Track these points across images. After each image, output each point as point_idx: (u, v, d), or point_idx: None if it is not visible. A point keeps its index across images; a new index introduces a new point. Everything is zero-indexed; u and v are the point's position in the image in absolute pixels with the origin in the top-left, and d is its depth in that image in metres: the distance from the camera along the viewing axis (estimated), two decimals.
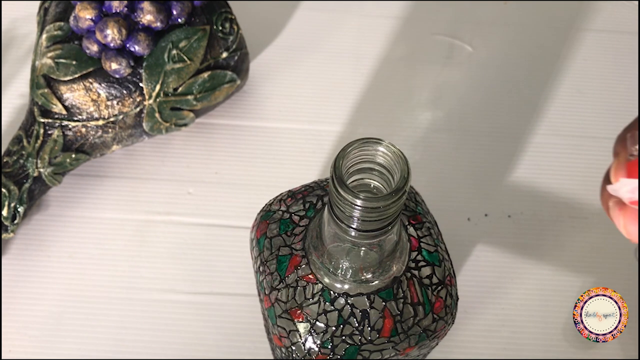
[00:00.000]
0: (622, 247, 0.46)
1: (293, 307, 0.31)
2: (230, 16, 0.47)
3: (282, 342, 0.32)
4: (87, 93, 0.44)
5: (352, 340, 0.31)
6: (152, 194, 0.49)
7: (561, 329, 0.45)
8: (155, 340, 0.44)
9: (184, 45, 0.45)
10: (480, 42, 0.57)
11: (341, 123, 0.52)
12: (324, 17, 0.57)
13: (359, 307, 0.31)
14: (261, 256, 0.33)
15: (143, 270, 0.46)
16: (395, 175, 0.26)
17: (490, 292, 0.46)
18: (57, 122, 0.45)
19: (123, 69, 0.44)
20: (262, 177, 0.50)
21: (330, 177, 0.25)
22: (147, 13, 0.44)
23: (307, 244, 0.32)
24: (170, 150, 0.51)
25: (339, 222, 0.27)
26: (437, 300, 0.32)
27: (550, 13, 0.59)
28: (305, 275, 0.31)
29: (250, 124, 0.52)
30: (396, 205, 0.25)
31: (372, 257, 0.30)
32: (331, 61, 0.55)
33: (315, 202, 0.34)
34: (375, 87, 0.54)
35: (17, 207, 0.44)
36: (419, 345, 0.32)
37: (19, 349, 0.43)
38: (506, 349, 0.44)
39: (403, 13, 0.58)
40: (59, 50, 0.44)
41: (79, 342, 0.43)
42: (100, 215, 0.48)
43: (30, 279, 0.45)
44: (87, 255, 0.46)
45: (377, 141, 0.26)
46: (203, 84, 0.46)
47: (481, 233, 0.48)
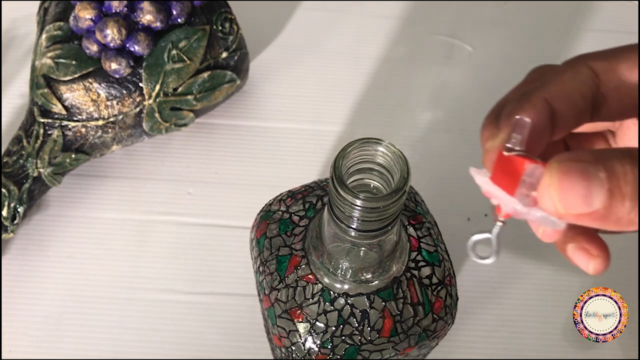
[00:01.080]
0: (622, 247, 0.46)
1: (293, 307, 0.31)
2: (230, 16, 0.47)
3: (282, 342, 0.32)
4: (87, 93, 0.44)
5: (352, 341, 0.31)
6: (152, 194, 0.49)
7: (561, 329, 0.45)
8: (155, 340, 0.44)
9: (184, 45, 0.45)
10: (480, 42, 0.57)
11: (341, 123, 0.52)
12: (324, 17, 0.57)
13: (358, 307, 0.31)
14: (261, 256, 0.33)
15: (143, 270, 0.46)
16: (395, 175, 0.26)
17: (490, 292, 0.46)
18: (56, 122, 0.45)
19: (123, 69, 0.44)
20: (262, 177, 0.50)
21: (330, 177, 0.25)
22: (147, 13, 0.44)
23: (307, 244, 0.32)
24: (170, 150, 0.51)
25: (338, 222, 0.27)
26: (437, 301, 0.32)
27: (550, 13, 0.59)
28: (305, 275, 0.31)
29: (250, 124, 0.52)
30: (396, 205, 0.25)
31: (372, 257, 0.30)
32: (331, 61, 0.55)
33: (315, 202, 0.34)
34: (375, 87, 0.54)
35: (17, 207, 0.44)
36: (418, 345, 0.32)
37: (19, 349, 0.43)
38: (506, 349, 0.44)
39: (403, 13, 0.58)
40: (59, 50, 0.44)
41: (79, 342, 0.43)
42: (100, 215, 0.48)
43: (30, 279, 0.45)
44: (87, 255, 0.46)
45: (377, 141, 0.26)
46: (203, 84, 0.46)
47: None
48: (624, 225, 0.20)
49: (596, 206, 0.20)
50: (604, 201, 0.20)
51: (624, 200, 0.20)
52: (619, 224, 0.20)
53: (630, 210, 0.20)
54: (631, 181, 0.20)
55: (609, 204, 0.20)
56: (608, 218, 0.20)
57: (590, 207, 0.20)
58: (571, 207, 0.20)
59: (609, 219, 0.20)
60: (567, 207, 0.20)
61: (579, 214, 0.20)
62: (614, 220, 0.20)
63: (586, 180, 0.20)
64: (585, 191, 0.20)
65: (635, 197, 0.20)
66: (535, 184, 0.21)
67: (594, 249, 0.25)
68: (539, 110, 0.23)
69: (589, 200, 0.20)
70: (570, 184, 0.20)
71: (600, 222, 0.20)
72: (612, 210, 0.20)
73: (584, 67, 0.24)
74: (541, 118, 0.23)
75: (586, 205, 0.20)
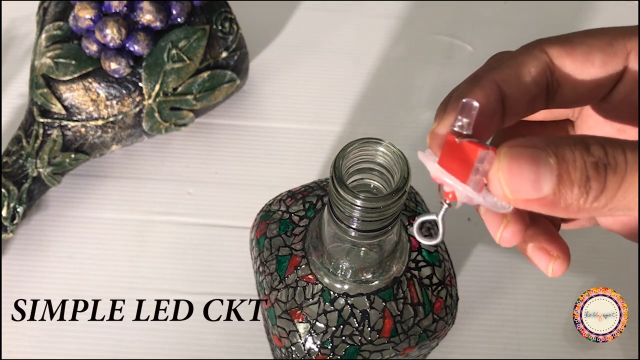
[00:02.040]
0: (622, 247, 0.46)
1: (293, 307, 0.31)
2: (230, 16, 0.47)
3: (282, 342, 0.32)
4: (87, 93, 0.44)
5: (352, 341, 0.31)
6: (151, 194, 0.49)
7: (561, 329, 0.45)
8: (155, 340, 0.44)
9: (184, 45, 0.45)
10: (480, 42, 0.57)
11: (341, 123, 0.52)
12: (324, 17, 0.57)
13: (359, 307, 0.31)
14: (261, 256, 0.33)
15: (143, 270, 0.46)
16: (395, 175, 0.26)
17: (490, 292, 0.46)
18: (56, 122, 0.45)
19: (122, 69, 0.44)
20: (262, 177, 0.50)
21: (330, 177, 0.25)
22: (147, 13, 0.44)
23: (307, 244, 0.32)
24: (169, 150, 0.50)
25: (338, 222, 0.27)
26: (437, 301, 0.32)
27: (550, 13, 0.59)
28: (305, 275, 0.31)
29: (250, 123, 0.52)
30: (396, 205, 0.25)
31: (372, 257, 0.30)
32: (331, 61, 0.55)
33: (315, 202, 0.34)
34: (375, 87, 0.54)
35: (16, 207, 0.44)
36: (419, 345, 0.32)
37: (19, 349, 0.43)
38: (506, 349, 0.44)
39: (403, 13, 0.58)
40: (59, 50, 0.44)
41: (79, 342, 0.43)
42: (100, 215, 0.48)
43: (30, 279, 0.45)
44: (87, 255, 0.46)
45: (377, 141, 0.26)
46: (203, 83, 0.46)
47: (481, 233, 0.47)
48: (574, 211, 0.20)
49: (545, 192, 0.19)
50: (553, 187, 0.19)
51: (573, 187, 0.19)
52: (567, 210, 0.20)
53: (579, 196, 0.20)
54: (580, 167, 0.19)
55: (557, 190, 0.19)
56: (557, 204, 0.20)
57: (539, 192, 0.20)
58: (520, 192, 0.20)
59: (557, 205, 0.20)
60: (516, 192, 0.20)
61: (528, 199, 0.20)
62: (563, 206, 0.20)
63: (535, 166, 0.19)
64: (534, 176, 0.19)
65: (584, 184, 0.19)
66: (486, 170, 0.20)
67: (554, 250, 0.24)
68: (488, 93, 0.22)
69: (538, 186, 0.20)
70: (519, 169, 0.20)
71: (550, 208, 0.20)
72: (561, 196, 0.20)
73: (538, 51, 0.23)
74: (490, 101, 0.22)
75: (535, 191, 0.20)
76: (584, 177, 0.19)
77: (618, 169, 0.19)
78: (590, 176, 0.19)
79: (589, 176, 0.19)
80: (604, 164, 0.19)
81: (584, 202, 0.20)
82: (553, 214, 0.20)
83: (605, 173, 0.19)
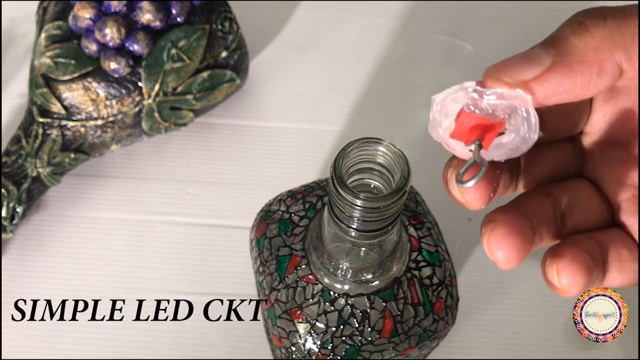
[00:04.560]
0: None
1: (293, 307, 0.31)
2: (230, 15, 0.47)
3: (282, 342, 0.32)
4: (86, 92, 0.44)
5: (352, 341, 0.31)
6: (151, 194, 0.49)
7: (561, 329, 0.45)
8: (155, 340, 0.44)
9: (184, 45, 0.45)
10: (481, 42, 0.57)
11: (341, 123, 0.52)
12: (324, 17, 0.57)
13: (359, 307, 0.31)
14: (261, 256, 0.33)
15: (142, 270, 0.46)
16: (395, 175, 0.26)
17: (491, 292, 0.46)
18: (56, 122, 0.45)
19: (122, 69, 0.44)
20: (262, 177, 0.49)
21: (330, 177, 0.25)
22: (146, 12, 0.44)
23: (307, 244, 0.32)
24: (169, 150, 0.50)
25: (339, 222, 0.27)
26: (438, 301, 0.32)
27: (551, 13, 0.59)
28: (305, 275, 0.31)
29: (250, 123, 0.52)
30: (396, 205, 0.25)
31: (372, 258, 0.29)
32: (331, 61, 0.55)
33: (315, 202, 0.34)
34: (375, 87, 0.54)
35: (16, 207, 0.44)
36: (419, 345, 0.32)
37: (19, 349, 0.43)
38: (507, 349, 0.44)
39: (403, 13, 0.58)
40: (58, 49, 0.44)
41: (79, 342, 0.43)
42: (100, 215, 0.48)
43: (30, 279, 0.45)
44: (87, 255, 0.46)
45: (377, 141, 0.26)
46: (202, 83, 0.46)
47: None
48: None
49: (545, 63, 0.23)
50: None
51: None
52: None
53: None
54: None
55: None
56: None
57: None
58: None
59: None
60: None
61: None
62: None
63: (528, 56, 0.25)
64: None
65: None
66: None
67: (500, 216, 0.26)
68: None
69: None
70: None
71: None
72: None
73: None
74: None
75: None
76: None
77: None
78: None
79: None
80: None
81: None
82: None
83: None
